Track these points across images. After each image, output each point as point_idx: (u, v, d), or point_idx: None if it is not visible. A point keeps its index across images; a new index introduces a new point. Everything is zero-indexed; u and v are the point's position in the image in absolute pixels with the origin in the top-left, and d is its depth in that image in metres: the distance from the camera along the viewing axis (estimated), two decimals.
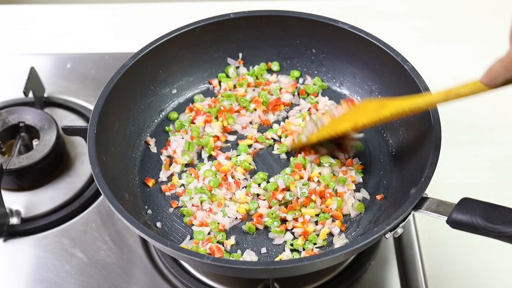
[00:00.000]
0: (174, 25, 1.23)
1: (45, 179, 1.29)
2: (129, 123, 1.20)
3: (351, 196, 1.12)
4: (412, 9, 1.68)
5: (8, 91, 1.44)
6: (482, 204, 0.91)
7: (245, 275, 1.05)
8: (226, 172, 1.15)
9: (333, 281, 1.13)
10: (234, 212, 1.10)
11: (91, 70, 1.49)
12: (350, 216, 1.11)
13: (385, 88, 1.22)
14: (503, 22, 1.62)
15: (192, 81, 1.31)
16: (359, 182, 1.15)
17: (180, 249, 0.94)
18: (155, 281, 1.15)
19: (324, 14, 1.23)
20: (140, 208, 1.14)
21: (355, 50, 1.23)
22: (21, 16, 1.67)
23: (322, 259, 0.92)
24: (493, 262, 1.18)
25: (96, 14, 1.68)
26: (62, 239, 1.21)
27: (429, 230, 1.22)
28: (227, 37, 1.28)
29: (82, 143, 1.31)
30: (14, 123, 1.30)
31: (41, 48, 1.58)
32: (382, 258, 1.17)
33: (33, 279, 1.16)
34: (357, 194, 1.13)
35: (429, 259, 1.18)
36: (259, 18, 1.26)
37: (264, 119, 1.25)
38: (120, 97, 1.16)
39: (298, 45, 1.29)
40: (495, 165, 1.32)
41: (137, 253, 1.18)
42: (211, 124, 1.22)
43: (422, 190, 0.97)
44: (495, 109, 1.43)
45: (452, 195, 0.98)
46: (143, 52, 1.19)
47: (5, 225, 1.21)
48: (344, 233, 1.09)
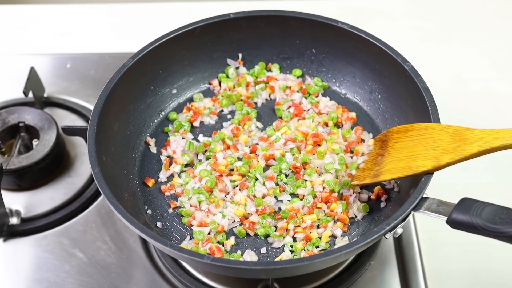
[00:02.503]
0: (174, 25, 1.23)
1: (45, 179, 1.29)
2: (129, 123, 1.20)
3: (356, 199, 1.12)
4: (412, 9, 1.68)
5: (8, 91, 1.44)
6: (482, 204, 0.91)
7: (245, 275, 1.05)
8: (222, 172, 1.15)
9: (333, 281, 1.13)
10: (232, 214, 1.11)
11: (91, 70, 1.49)
12: (357, 219, 1.11)
13: (385, 88, 1.22)
14: (503, 22, 1.63)
15: (192, 81, 1.31)
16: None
17: (180, 249, 0.94)
18: (155, 281, 1.15)
19: (324, 14, 1.24)
20: (140, 208, 1.14)
21: (355, 50, 1.23)
22: (21, 16, 1.67)
23: (322, 259, 0.92)
24: (493, 262, 1.18)
25: (96, 14, 1.68)
26: (62, 239, 1.21)
27: (429, 230, 1.22)
28: (227, 37, 1.28)
29: (82, 143, 1.31)
30: (14, 123, 1.30)
31: (41, 48, 1.58)
32: (382, 258, 1.17)
33: (33, 279, 1.16)
34: (362, 196, 1.13)
35: (429, 259, 1.18)
36: (259, 18, 1.26)
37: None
38: (120, 97, 1.16)
39: (298, 45, 1.29)
40: (495, 165, 1.32)
41: (137, 253, 1.18)
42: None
43: (422, 190, 0.97)
44: (495, 109, 1.43)
45: (452, 195, 0.98)
46: (143, 52, 1.19)
47: (5, 225, 1.20)
48: (346, 234, 1.09)
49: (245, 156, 1.18)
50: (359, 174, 1.10)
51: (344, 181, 1.13)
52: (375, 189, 1.13)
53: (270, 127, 1.23)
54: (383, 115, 1.23)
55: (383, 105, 1.24)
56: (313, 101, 1.27)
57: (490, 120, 1.40)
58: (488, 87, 1.48)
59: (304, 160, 1.16)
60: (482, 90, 1.47)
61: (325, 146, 1.19)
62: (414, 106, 1.14)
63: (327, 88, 1.30)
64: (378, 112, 1.25)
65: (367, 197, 1.13)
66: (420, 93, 1.09)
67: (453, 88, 1.47)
